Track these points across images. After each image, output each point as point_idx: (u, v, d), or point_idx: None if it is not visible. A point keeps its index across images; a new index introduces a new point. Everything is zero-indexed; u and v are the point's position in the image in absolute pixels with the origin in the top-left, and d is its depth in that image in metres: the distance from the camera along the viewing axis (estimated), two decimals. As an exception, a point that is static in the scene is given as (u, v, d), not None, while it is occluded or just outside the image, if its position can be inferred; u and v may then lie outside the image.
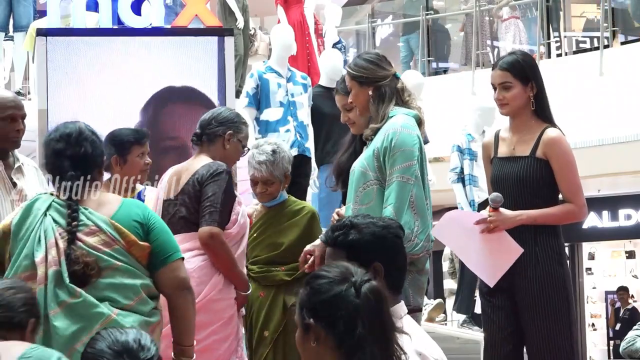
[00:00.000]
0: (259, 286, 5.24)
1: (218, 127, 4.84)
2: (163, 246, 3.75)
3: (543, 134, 4.46)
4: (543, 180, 4.43)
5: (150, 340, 3.09)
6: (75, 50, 6.30)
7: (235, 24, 10.43)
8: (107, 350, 3.03)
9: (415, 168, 4.36)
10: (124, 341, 3.03)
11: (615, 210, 15.44)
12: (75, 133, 3.71)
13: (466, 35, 14.67)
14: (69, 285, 3.60)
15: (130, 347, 3.03)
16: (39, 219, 3.69)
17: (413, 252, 4.30)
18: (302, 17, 10.07)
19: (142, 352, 3.03)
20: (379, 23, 16.22)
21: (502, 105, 4.52)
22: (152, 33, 6.55)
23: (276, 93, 7.51)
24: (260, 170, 5.20)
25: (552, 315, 4.37)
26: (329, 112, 7.46)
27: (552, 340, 4.38)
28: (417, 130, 4.44)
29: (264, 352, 5.18)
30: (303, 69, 8.96)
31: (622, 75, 11.68)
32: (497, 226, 4.37)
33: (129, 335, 3.06)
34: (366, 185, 4.42)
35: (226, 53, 6.51)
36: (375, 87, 4.51)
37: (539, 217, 4.40)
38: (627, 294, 15.36)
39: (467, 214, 4.71)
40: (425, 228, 4.34)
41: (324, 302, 2.62)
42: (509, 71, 4.48)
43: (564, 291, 4.42)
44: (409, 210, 4.32)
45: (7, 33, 10.54)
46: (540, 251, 4.41)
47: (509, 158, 4.50)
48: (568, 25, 14.94)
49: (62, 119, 5.99)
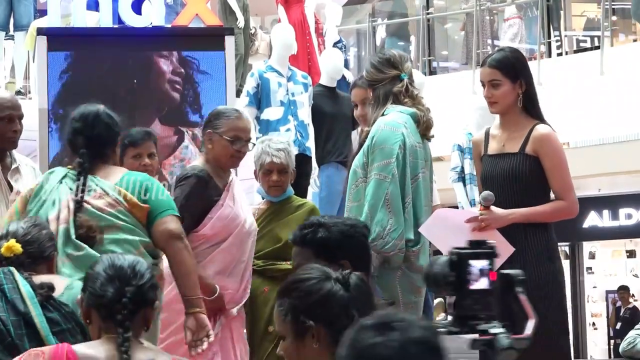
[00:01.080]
0: (264, 281, 5.22)
1: (203, 130, 4.94)
2: (157, 204, 4.16)
3: (533, 130, 4.44)
4: (533, 176, 4.41)
5: (145, 268, 3.13)
6: (76, 50, 6.30)
7: (235, 23, 10.43)
8: (102, 273, 3.09)
9: (393, 166, 4.39)
10: (118, 266, 3.09)
11: (615, 210, 15.43)
12: (92, 115, 4.14)
13: (467, 34, 14.67)
14: (74, 241, 4.03)
15: (124, 273, 3.07)
16: (54, 186, 4.15)
17: (384, 249, 4.34)
18: (303, 17, 10.07)
19: (134, 279, 3.06)
20: (379, 22, 16.21)
21: (491, 103, 4.51)
22: (153, 32, 6.55)
23: (277, 92, 7.51)
24: (279, 157, 5.19)
25: (543, 310, 4.24)
26: (329, 112, 7.48)
27: (542, 335, 4.35)
28: (404, 129, 4.46)
29: (269, 347, 5.14)
30: (303, 68, 8.96)
31: (623, 75, 11.67)
32: (489, 224, 4.34)
33: (125, 261, 3.12)
34: (357, 183, 4.50)
35: (227, 52, 6.50)
36: (373, 89, 4.62)
37: (530, 215, 4.38)
38: (627, 293, 15.35)
39: (456, 212, 4.69)
40: (399, 227, 4.36)
41: (318, 302, 2.67)
42: (498, 69, 4.46)
43: (555, 285, 4.39)
44: (383, 208, 4.35)
45: (7, 32, 10.54)
46: (531, 248, 4.38)
47: (499, 155, 4.48)
48: (569, 25, 14.94)
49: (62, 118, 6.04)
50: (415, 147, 4.51)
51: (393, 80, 4.58)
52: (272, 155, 5.20)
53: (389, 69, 4.59)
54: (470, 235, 4.33)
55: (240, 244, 4.85)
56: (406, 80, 4.61)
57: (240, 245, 4.86)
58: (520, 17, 14.32)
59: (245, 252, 4.88)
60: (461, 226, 4.37)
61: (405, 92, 4.59)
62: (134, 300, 3.03)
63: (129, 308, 3.01)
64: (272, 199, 5.32)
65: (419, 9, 15.11)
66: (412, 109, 4.56)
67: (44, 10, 8.13)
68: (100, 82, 6.30)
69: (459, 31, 15.43)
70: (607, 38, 12.51)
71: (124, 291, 3.03)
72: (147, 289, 3.09)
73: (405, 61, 4.68)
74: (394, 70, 4.59)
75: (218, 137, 4.81)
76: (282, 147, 5.23)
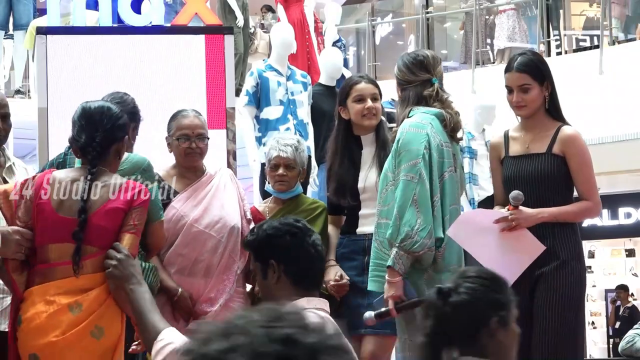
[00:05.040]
0: None
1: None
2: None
3: (559, 131, 4.47)
4: (560, 176, 4.45)
5: (113, 112, 3.87)
6: (76, 49, 6.30)
7: (235, 22, 10.44)
8: (77, 121, 3.88)
9: (420, 166, 4.40)
10: (89, 115, 3.87)
11: (615, 209, 15.45)
12: (97, 113, 4.05)
13: (466, 33, 14.67)
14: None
15: (93, 120, 3.84)
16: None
17: (413, 249, 4.34)
18: (302, 16, 10.07)
19: (101, 124, 3.82)
20: (379, 21, 16.21)
21: (519, 107, 4.51)
22: (152, 31, 6.55)
23: (276, 91, 7.51)
24: (286, 151, 5.17)
25: (567, 308, 4.37)
26: (328, 111, 7.45)
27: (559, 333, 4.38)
28: (430, 129, 4.48)
29: None
30: (303, 67, 8.97)
31: (622, 74, 11.67)
32: (518, 224, 4.37)
33: (95, 109, 3.88)
34: (387, 187, 4.53)
35: (226, 51, 6.50)
36: (402, 89, 4.64)
37: (559, 214, 4.41)
38: (626, 293, 15.37)
39: (483, 212, 4.70)
40: (427, 225, 4.36)
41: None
42: (527, 73, 4.49)
43: (579, 288, 4.45)
44: (411, 207, 4.36)
45: (7, 31, 10.55)
46: (560, 247, 4.41)
47: (524, 156, 4.50)
48: (568, 24, 14.95)
49: (62, 117, 6.04)
50: (441, 147, 4.51)
51: (424, 84, 4.60)
52: (280, 150, 5.19)
53: (420, 71, 4.61)
54: (500, 235, 4.38)
55: (191, 244, 4.85)
56: (437, 85, 4.61)
57: (193, 244, 4.85)
58: (515, 9, 14.31)
59: (202, 251, 4.85)
60: (490, 227, 4.39)
61: (435, 96, 4.60)
62: (101, 142, 3.80)
63: (98, 150, 3.79)
64: (278, 195, 5.25)
65: (419, 8, 15.12)
66: (437, 110, 4.57)
67: (43, 10, 8.14)
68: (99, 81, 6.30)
69: (458, 30, 15.44)
70: (606, 37, 12.52)
71: (94, 136, 3.80)
72: (114, 130, 3.84)
73: (438, 64, 4.68)
74: (426, 73, 4.61)
75: (170, 139, 4.97)
76: (291, 143, 5.23)
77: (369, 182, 5.03)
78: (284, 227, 3.41)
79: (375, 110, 5.05)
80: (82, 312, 3.63)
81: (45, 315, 3.63)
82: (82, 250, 3.70)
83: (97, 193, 3.75)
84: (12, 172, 4.88)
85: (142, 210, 3.78)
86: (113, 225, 3.74)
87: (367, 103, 5.05)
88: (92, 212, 3.73)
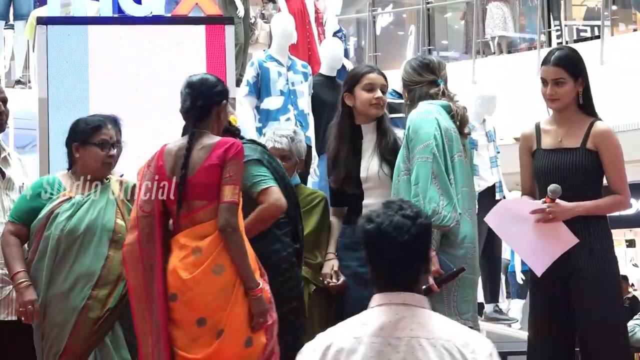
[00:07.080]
0: None
1: None
2: None
3: (593, 126, 4.57)
4: (593, 170, 4.54)
5: (211, 81, 4.47)
6: (76, 39, 6.29)
7: (235, 12, 10.41)
8: (182, 91, 4.48)
9: (432, 146, 4.56)
10: (191, 84, 4.45)
11: (615, 199, 15.40)
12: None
13: (467, 24, 14.66)
14: None
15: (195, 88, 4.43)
16: None
17: (443, 224, 4.51)
18: (303, 6, 10.04)
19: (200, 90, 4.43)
20: (379, 12, 16.20)
21: (552, 100, 4.61)
22: (153, 21, 6.54)
23: (277, 82, 7.50)
24: (281, 142, 5.24)
25: (607, 302, 4.49)
26: (329, 101, 7.45)
27: (606, 327, 4.48)
28: (436, 114, 4.65)
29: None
30: (303, 57, 8.95)
31: (623, 64, 11.67)
32: (555, 217, 4.46)
33: (197, 79, 4.47)
34: (400, 176, 4.68)
35: (226, 42, 6.50)
36: (408, 90, 4.86)
37: (593, 208, 4.52)
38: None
39: (521, 202, 4.80)
40: (451, 200, 4.53)
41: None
42: (563, 67, 4.60)
43: (616, 278, 4.60)
44: (432, 185, 4.52)
45: (7, 21, 10.53)
46: (594, 240, 4.52)
47: (557, 150, 4.60)
48: (569, 14, 14.94)
49: (63, 107, 6.04)
50: (450, 131, 4.67)
51: (430, 84, 4.80)
52: (275, 141, 5.25)
53: (427, 73, 4.82)
54: (535, 226, 4.48)
55: None
56: (442, 86, 4.81)
57: None
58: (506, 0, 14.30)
59: None
60: (526, 217, 4.50)
61: (442, 94, 4.80)
62: (203, 106, 4.38)
63: (200, 112, 4.37)
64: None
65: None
66: (444, 102, 4.76)
67: (43, 0, 8.12)
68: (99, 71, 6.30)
69: (459, 20, 15.43)
70: (607, 27, 12.51)
71: (195, 100, 4.38)
72: (212, 95, 4.41)
73: (443, 68, 4.89)
74: (432, 75, 4.82)
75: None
76: (286, 134, 5.28)
77: (371, 171, 5.06)
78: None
79: (383, 102, 5.12)
80: (203, 255, 4.22)
81: (177, 260, 4.25)
82: (194, 204, 4.28)
83: (197, 154, 4.29)
84: (8, 163, 4.88)
85: (236, 162, 4.28)
86: (213, 180, 4.25)
87: (377, 93, 5.09)
88: (194, 170, 4.28)
